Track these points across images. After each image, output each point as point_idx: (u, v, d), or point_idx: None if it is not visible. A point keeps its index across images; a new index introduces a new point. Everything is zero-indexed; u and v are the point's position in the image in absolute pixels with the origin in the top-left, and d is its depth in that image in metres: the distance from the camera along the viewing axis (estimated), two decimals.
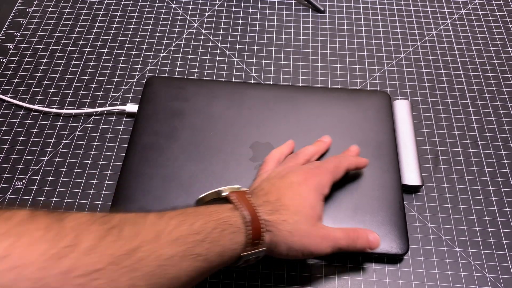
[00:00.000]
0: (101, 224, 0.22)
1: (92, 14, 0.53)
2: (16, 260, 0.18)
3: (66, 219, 0.21)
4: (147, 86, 0.44)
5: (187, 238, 0.24)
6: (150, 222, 0.24)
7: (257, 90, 0.44)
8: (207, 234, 0.25)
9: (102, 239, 0.21)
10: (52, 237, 0.20)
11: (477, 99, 0.47)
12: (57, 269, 0.19)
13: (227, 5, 0.55)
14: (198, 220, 0.26)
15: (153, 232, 0.24)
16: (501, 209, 0.39)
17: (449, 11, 0.55)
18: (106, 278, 0.21)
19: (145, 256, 0.22)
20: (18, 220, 0.20)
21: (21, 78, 0.47)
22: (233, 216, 0.27)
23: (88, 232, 0.21)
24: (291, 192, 0.31)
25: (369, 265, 0.36)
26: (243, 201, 0.28)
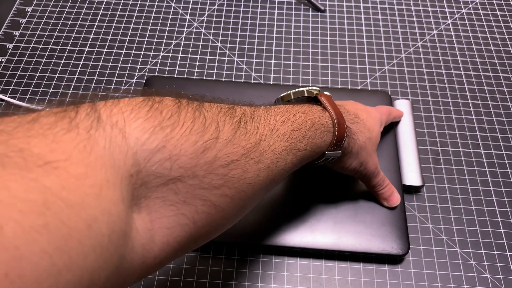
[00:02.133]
0: (231, 117, 0.24)
1: (91, 13, 0.53)
2: (172, 150, 0.19)
3: (203, 108, 0.23)
4: (147, 86, 0.44)
5: (292, 134, 0.27)
6: (263, 117, 0.26)
7: (257, 90, 0.44)
8: (305, 131, 0.28)
9: (235, 132, 0.23)
10: (199, 129, 0.21)
11: (478, 99, 0.47)
12: (204, 158, 0.21)
13: (227, 5, 0.55)
14: (297, 118, 0.28)
15: (268, 127, 0.26)
16: (502, 210, 0.39)
17: (450, 11, 0.55)
18: (240, 168, 0.23)
19: (265, 149, 0.25)
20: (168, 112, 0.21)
21: (20, 77, 0.47)
22: (324, 117, 0.30)
23: (224, 123, 0.23)
24: (365, 114, 0.34)
25: (370, 266, 0.36)
26: (330, 104, 0.30)
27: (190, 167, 0.20)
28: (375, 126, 0.34)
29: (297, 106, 0.30)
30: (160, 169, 0.19)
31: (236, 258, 0.37)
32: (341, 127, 0.30)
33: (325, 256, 0.37)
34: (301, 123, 0.28)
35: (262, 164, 0.24)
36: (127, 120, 0.19)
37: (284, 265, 0.36)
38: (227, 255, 0.37)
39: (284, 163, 0.26)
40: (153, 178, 0.19)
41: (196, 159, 0.20)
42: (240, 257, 0.37)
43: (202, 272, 0.36)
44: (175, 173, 0.20)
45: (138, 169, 0.18)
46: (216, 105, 0.24)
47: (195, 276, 0.35)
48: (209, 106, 0.23)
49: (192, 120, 0.21)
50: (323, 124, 0.29)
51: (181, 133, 0.20)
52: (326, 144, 0.30)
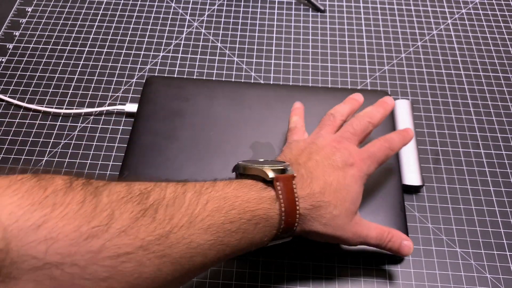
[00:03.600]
0: (137, 204, 0.21)
1: (91, 13, 0.53)
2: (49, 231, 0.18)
3: (103, 193, 0.21)
4: (147, 86, 0.44)
5: (220, 227, 0.24)
6: (186, 204, 0.23)
7: (257, 90, 0.44)
8: (240, 225, 0.25)
9: (136, 221, 0.21)
10: (86, 213, 0.19)
11: (477, 99, 0.47)
12: (87, 247, 0.19)
13: (227, 5, 0.55)
14: (234, 209, 0.25)
15: (187, 217, 0.23)
16: (502, 209, 0.39)
17: (450, 11, 0.55)
18: (134, 262, 0.20)
19: (175, 243, 0.22)
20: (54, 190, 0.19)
21: (20, 77, 0.47)
22: (271, 209, 0.26)
23: (123, 211, 0.21)
24: (336, 182, 0.29)
25: (370, 266, 0.36)
26: (286, 192, 0.27)
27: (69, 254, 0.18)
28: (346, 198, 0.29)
29: (243, 189, 0.26)
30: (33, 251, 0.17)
31: (236, 258, 0.37)
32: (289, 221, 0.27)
33: (325, 256, 0.37)
34: (237, 214, 0.25)
35: (167, 258, 0.22)
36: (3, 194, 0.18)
37: (284, 265, 0.36)
38: None
39: (203, 258, 0.24)
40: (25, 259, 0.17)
41: (77, 246, 0.19)
42: (240, 257, 0.37)
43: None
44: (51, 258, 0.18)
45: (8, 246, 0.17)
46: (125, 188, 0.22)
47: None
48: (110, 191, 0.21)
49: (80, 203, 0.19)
50: (267, 219, 0.26)
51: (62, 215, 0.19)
52: (269, 236, 0.27)
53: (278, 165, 0.28)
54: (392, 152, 0.33)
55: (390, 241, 0.32)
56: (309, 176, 0.29)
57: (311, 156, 0.31)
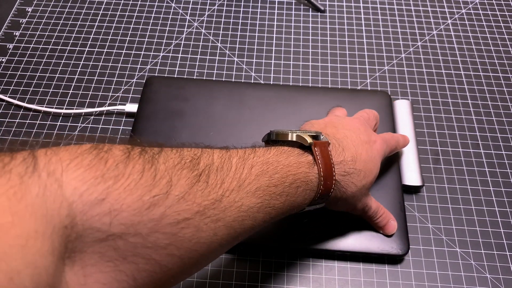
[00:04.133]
0: (190, 170, 0.22)
1: (91, 13, 0.53)
2: (112, 203, 0.18)
3: (160, 160, 0.21)
4: (147, 86, 0.44)
5: (266, 191, 0.24)
6: (234, 168, 0.24)
7: (257, 90, 0.44)
8: (284, 188, 0.25)
9: (192, 187, 0.21)
10: (147, 182, 0.19)
11: (477, 99, 0.47)
12: (149, 216, 0.19)
13: (227, 5, 0.55)
14: (277, 172, 0.25)
15: (236, 181, 0.23)
16: (502, 210, 0.39)
17: (450, 11, 0.55)
18: (193, 227, 0.21)
19: (228, 206, 0.22)
20: (114, 161, 0.19)
21: (20, 77, 0.47)
22: (310, 173, 0.27)
23: (180, 177, 0.21)
24: (365, 153, 0.30)
25: (370, 266, 0.36)
26: (323, 158, 0.27)
27: (132, 224, 0.19)
28: (372, 170, 0.31)
29: (282, 154, 0.27)
30: (98, 224, 0.18)
31: (236, 258, 0.37)
32: (327, 185, 0.28)
33: (325, 256, 0.37)
34: (280, 178, 0.25)
35: (221, 222, 0.22)
36: (66, 169, 0.18)
37: (284, 265, 0.36)
38: (227, 255, 0.37)
39: (253, 221, 0.24)
40: (90, 233, 0.18)
41: (140, 215, 0.19)
42: (240, 257, 0.37)
43: (202, 272, 0.36)
44: (115, 229, 0.18)
45: (74, 221, 0.17)
46: (177, 154, 0.22)
47: (195, 276, 0.36)
48: (166, 157, 0.22)
49: (140, 172, 0.20)
50: (307, 182, 0.27)
51: (124, 186, 0.19)
52: (307, 201, 0.28)
53: (311, 132, 0.29)
54: (397, 148, 0.37)
55: (381, 217, 0.35)
56: (340, 145, 0.30)
57: (337, 129, 0.32)
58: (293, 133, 0.28)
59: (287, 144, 0.29)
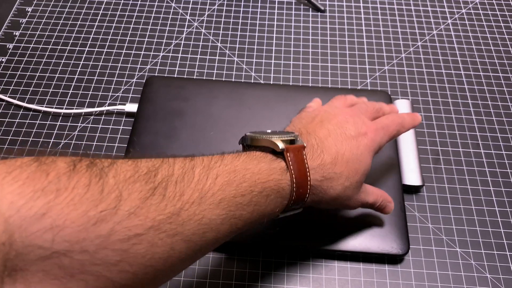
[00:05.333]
0: (145, 182, 0.20)
1: (91, 13, 0.53)
2: (55, 219, 0.17)
3: (109, 174, 0.20)
4: (147, 86, 0.44)
5: (231, 201, 0.23)
6: (196, 179, 0.22)
7: (257, 90, 0.44)
8: (252, 197, 0.24)
9: (145, 201, 0.20)
10: (93, 197, 0.18)
11: (477, 99, 0.47)
12: (96, 232, 0.18)
13: (227, 5, 0.55)
14: (245, 181, 0.24)
15: (198, 192, 0.22)
16: (502, 209, 0.39)
17: (450, 11, 0.55)
18: (146, 243, 0.20)
19: (186, 220, 0.21)
20: (57, 174, 0.18)
21: (20, 77, 0.47)
22: (282, 180, 0.25)
23: (131, 191, 0.20)
24: (348, 152, 0.28)
25: (370, 265, 0.36)
26: (297, 163, 0.26)
27: (77, 240, 0.17)
28: (358, 169, 0.29)
29: (252, 161, 0.25)
30: (39, 241, 0.17)
31: (236, 258, 0.37)
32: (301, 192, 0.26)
33: (325, 256, 0.37)
34: (248, 187, 0.24)
35: (179, 236, 0.21)
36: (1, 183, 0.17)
37: (284, 265, 0.36)
38: (227, 255, 0.37)
39: (216, 233, 0.23)
40: (31, 250, 0.17)
41: (86, 232, 0.18)
42: (240, 257, 0.37)
43: (202, 272, 0.36)
44: (59, 246, 0.17)
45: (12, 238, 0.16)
46: (131, 167, 0.21)
47: (195, 276, 0.35)
48: (117, 170, 0.20)
49: (86, 186, 0.18)
50: (278, 190, 0.25)
51: (67, 201, 0.18)
52: (278, 209, 0.26)
53: (287, 135, 0.27)
54: (403, 129, 0.33)
55: (380, 204, 0.33)
56: (320, 146, 0.28)
57: (322, 124, 0.30)
58: (265, 138, 0.27)
59: (259, 149, 0.27)
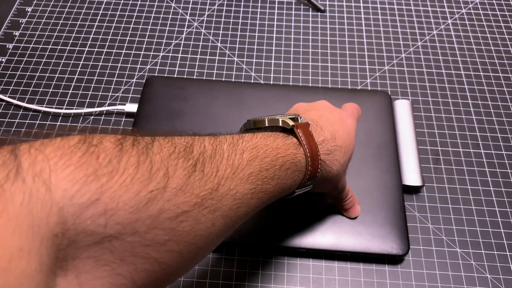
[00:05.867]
0: (186, 159, 0.21)
1: (91, 13, 0.53)
2: (107, 203, 0.17)
3: (154, 149, 0.20)
4: (147, 86, 0.44)
5: (258, 175, 0.24)
6: (226, 155, 0.23)
7: (257, 90, 0.44)
8: (275, 171, 0.25)
9: (189, 178, 0.20)
10: (143, 177, 0.18)
11: (478, 99, 0.47)
12: (147, 212, 0.18)
13: (227, 5, 0.55)
14: (268, 156, 0.25)
15: (230, 168, 0.23)
16: (502, 210, 0.39)
17: (450, 11, 0.55)
18: (192, 220, 0.20)
19: (224, 195, 0.22)
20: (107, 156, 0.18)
21: (20, 77, 0.47)
22: (297, 154, 0.27)
23: (176, 168, 0.20)
24: (341, 129, 0.31)
25: (370, 266, 0.36)
26: (307, 138, 0.27)
27: (129, 222, 0.17)
28: (350, 145, 0.31)
29: (269, 138, 0.26)
30: (92, 226, 0.16)
31: (236, 258, 0.37)
32: (315, 165, 0.27)
33: (325, 256, 0.37)
34: (270, 161, 0.25)
35: (219, 212, 0.21)
36: (54, 168, 0.16)
37: (284, 265, 0.36)
38: (227, 255, 0.37)
39: (247, 207, 0.24)
40: (83, 237, 0.16)
41: (138, 213, 0.18)
42: (240, 257, 0.37)
43: (202, 272, 0.36)
44: (111, 230, 0.17)
45: (65, 228, 0.16)
46: (170, 143, 0.21)
47: (195, 276, 0.35)
48: (160, 146, 0.20)
49: (135, 166, 0.18)
50: (296, 163, 0.26)
51: (120, 183, 0.17)
52: (296, 183, 0.27)
53: (290, 115, 0.29)
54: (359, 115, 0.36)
55: (349, 199, 0.36)
56: (318, 125, 0.30)
57: (311, 111, 0.32)
58: (272, 118, 0.28)
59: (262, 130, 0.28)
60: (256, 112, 0.42)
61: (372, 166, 0.39)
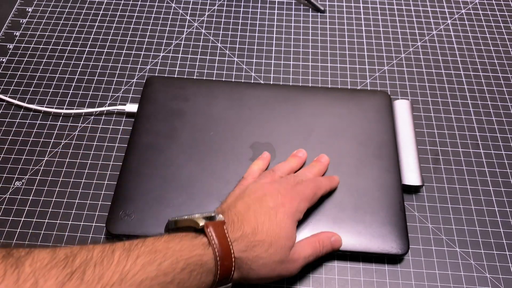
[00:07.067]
0: (62, 268, 0.21)
1: (91, 13, 0.53)
2: None
3: (26, 263, 0.20)
4: (147, 86, 0.44)
5: (154, 280, 0.24)
6: (116, 261, 0.23)
7: (257, 90, 0.44)
8: (175, 275, 0.25)
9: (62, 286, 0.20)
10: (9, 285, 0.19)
11: (477, 99, 0.47)
12: None
13: (227, 5, 0.55)
14: (167, 259, 0.25)
15: (117, 274, 0.22)
16: (502, 209, 0.39)
17: (450, 11, 0.55)
18: None
19: None
20: None
21: (20, 78, 0.47)
22: (205, 254, 0.27)
23: (48, 278, 0.20)
24: (268, 221, 0.30)
25: (369, 265, 0.36)
26: (218, 237, 0.27)
27: None
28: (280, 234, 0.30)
29: (174, 240, 0.26)
30: None
31: None
32: (225, 265, 0.27)
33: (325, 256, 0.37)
34: (170, 265, 0.24)
35: None
36: None
37: None
38: None
39: None
40: None
41: None
42: None
43: None
44: None
45: None
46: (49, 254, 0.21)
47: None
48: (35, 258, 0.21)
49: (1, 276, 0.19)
50: (202, 265, 0.26)
51: None
52: (206, 284, 0.27)
53: (206, 213, 0.29)
54: (319, 191, 0.35)
55: (323, 248, 0.34)
56: (240, 219, 0.30)
57: (243, 200, 0.32)
58: (185, 218, 0.28)
59: (182, 230, 0.28)
60: (256, 112, 0.43)
61: (372, 165, 0.39)
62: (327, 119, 0.42)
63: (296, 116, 0.42)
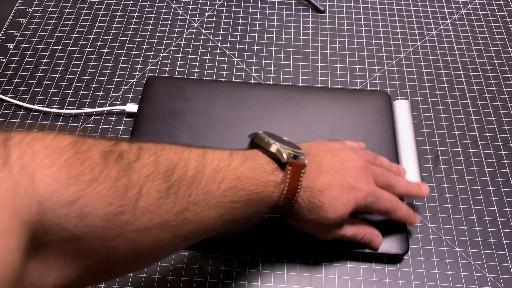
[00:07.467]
0: (163, 181, 0.22)
1: (92, 14, 0.53)
2: (82, 206, 0.19)
3: (135, 167, 0.22)
4: (147, 86, 0.44)
5: (227, 205, 0.26)
6: (204, 182, 0.25)
7: (257, 90, 0.44)
8: (245, 205, 0.27)
9: (159, 199, 0.22)
10: (117, 191, 0.20)
11: (477, 99, 0.47)
12: (114, 222, 0.20)
13: (227, 5, 0.55)
14: (244, 189, 0.26)
15: (202, 195, 0.24)
16: (501, 209, 0.39)
17: (449, 11, 0.55)
18: (153, 236, 0.22)
19: (189, 218, 0.24)
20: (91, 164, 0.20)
21: (21, 78, 0.47)
22: (274, 193, 0.28)
23: (150, 188, 0.22)
24: (338, 193, 0.30)
25: (369, 265, 0.36)
26: (293, 179, 0.28)
27: (97, 228, 0.19)
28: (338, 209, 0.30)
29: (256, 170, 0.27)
30: (65, 224, 0.18)
31: (236, 257, 0.37)
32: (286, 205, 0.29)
33: (325, 256, 0.37)
34: (244, 194, 0.26)
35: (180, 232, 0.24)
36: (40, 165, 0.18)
37: (284, 265, 0.36)
38: (227, 255, 0.37)
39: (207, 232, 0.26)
40: (56, 230, 0.18)
41: (106, 221, 0.20)
42: (240, 257, 0.37)
43: (202, 272, 0.36)
44: (80, 231, 0.19)
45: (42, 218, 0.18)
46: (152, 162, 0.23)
47: (195, 275, 0.36)
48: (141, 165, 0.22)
49: (113, 180, 0.20)
50: (268, 201, 0.28)
51: (96, 192, 0.19)
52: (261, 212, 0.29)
53: (294, 149, 0.29)
54: (392, 215, 0.33)
55: (362, 239, 0.34)
56: (317, 171, 0.30)
57: (333, 158, 0.31)
58: (274, 145, 0.29)
59: (266, 153, 0.29)
60: (256, 112, 0.43)
61: None
62: (327, 119, 0.42)
63: (296, 116, 0.43)
